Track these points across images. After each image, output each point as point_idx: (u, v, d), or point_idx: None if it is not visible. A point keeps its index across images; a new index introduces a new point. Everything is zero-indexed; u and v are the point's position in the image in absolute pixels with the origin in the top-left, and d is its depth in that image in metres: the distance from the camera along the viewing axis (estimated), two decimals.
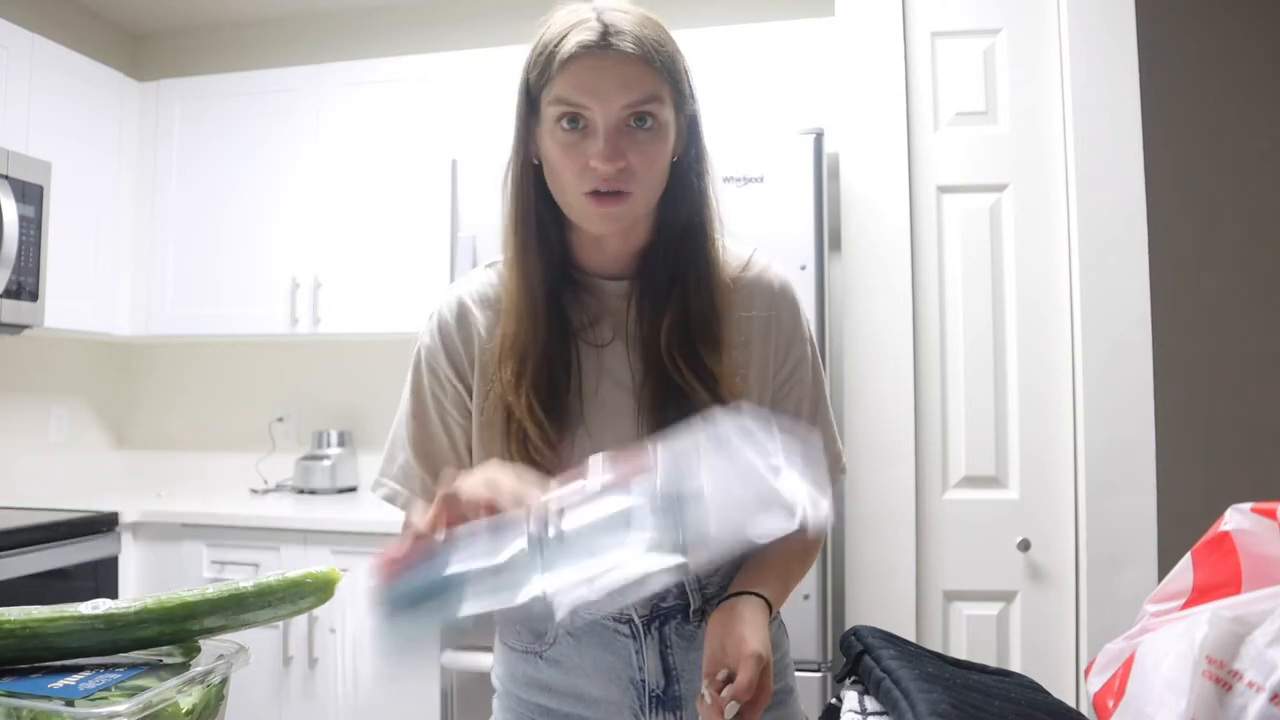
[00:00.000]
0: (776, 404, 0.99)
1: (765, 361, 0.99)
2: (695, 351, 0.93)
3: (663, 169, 0.92)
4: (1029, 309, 2.07)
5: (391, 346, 3.04)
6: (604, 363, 0.97)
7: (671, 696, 0.94)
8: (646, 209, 0.93)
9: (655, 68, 0.88)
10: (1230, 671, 0.51)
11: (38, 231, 2.44)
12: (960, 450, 2.08)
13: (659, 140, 0.90)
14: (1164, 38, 2.16)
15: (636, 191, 0.89)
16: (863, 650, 0.67)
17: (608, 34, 0.87)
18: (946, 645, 2.06)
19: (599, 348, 0.97)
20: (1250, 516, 0.60)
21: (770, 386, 0.99)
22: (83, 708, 0.53)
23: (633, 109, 0.87)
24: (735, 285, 0.98)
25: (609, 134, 0.87)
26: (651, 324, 0.95)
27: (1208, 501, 0.82)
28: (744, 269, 1.01)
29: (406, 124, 2.77)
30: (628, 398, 0.96)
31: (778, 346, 1.00)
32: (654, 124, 0.89)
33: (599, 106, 0.87)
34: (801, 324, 1.02)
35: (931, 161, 2.13)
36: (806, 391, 1.01)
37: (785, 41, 2.48)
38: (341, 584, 0.68)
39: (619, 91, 0.87)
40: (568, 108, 0.88)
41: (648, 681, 0.94)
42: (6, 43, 2.48)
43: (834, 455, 1.04)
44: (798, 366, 1.01)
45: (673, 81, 0.91)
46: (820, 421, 1.02)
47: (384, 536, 2.39)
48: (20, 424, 2.91)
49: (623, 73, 0.87)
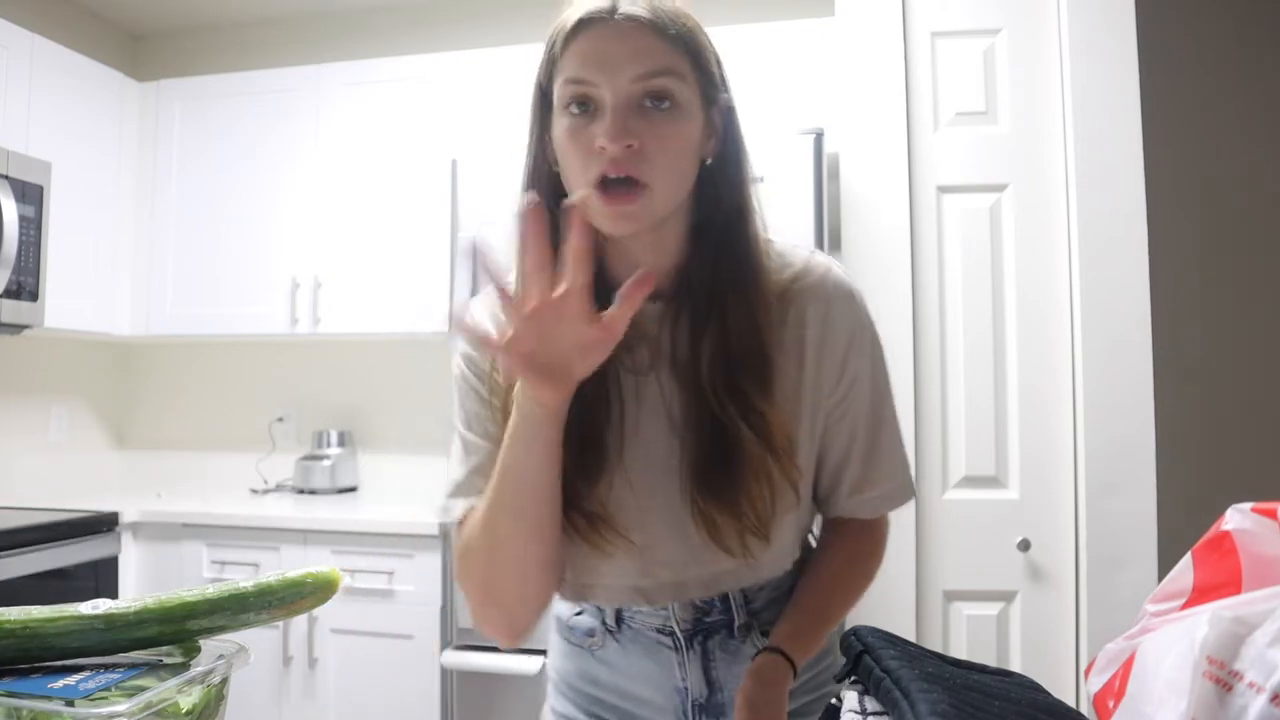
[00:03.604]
0: (830, 429, 0.90)
1: (818, 385, 0.88)
2: (740, 388, 0.82)
3: (684, 157, 0.81)
4: (1029, 309, 2.07)
5: (391, 346, 3.05)
6: (642, 393, 0.87)
7: (715, 704, 0.95)
8: (667, 206, 0.81)
9: (670, 38, 0.78)
10: (1231, 672, 0.51)
11: (38, 231, 2.44)
12: (960, 450, 2.08)
13: (677, 121, 0.79)
14: (1164, 38, 2.16)
15: (653, 182, 0.78)
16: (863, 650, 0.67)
17: (614, 6, 0.78)
18: (946, 645, 2.06)
19: (637, 376, 0.87)
20: (1250, 516, 0.60)
21: (823, 409, 0.89)
22: (83, 708, 0.53)
23: (643, 81, 0.77)
24: (786, 298, 0.87)
25: (617, 110, 0.77)
26: (692, 352, 0.84)
27: (1208, 501, 0.81)
28: (796, 278, 0.88)
29: (406, 124, 2.77)
30: (670, 436, 0.86)
31: (830, 367, 0.88)
32: (671, 104, 0.78)
33: (606, 80, 0.77)
34: (860, 338, 0.89)
35: (931, 161, 2.13)
36: (863, 416, 0.91)
37: (785, 41, 2.48)
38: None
39: (628, 62, 0.77)
40: (575, 87, 0.79)
41: (690, 690, 0.94)
42: (6, 43, 2.48)
43: (898, 486, 0.94)
44: (853, 387, 0.89)
45: (694, 58, 0.80)
46: (881, 449, 0.92)
47: (384, 536, 2.40)
48: (20, 424, 2.91)
49: (632, 42, 0.77)
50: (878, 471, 0.92)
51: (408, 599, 2.38)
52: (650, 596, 0.92)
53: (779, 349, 0.86)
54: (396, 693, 2.37)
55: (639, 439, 0.87)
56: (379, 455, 3.07)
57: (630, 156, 0.76)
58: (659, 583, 0.91)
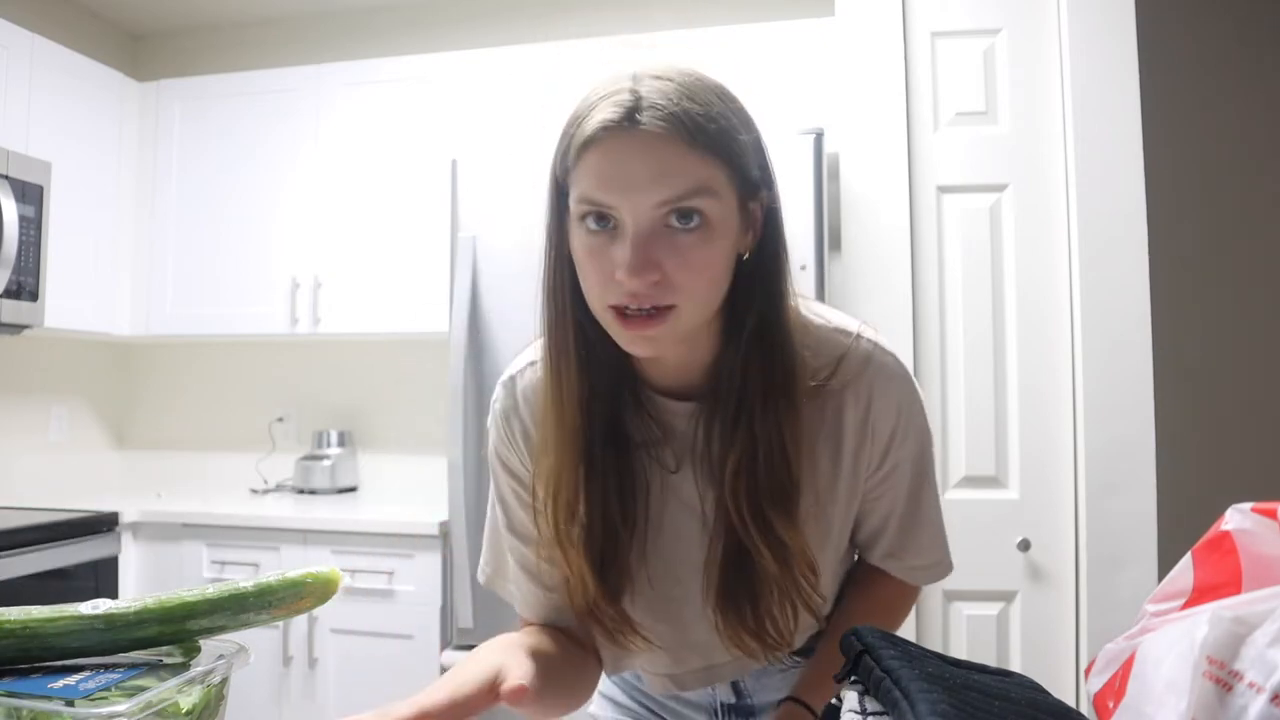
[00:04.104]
0: (866, 505, 0.88)
1: (855, 473, 0.85)
2: (763, 513, 0.78)
3: (714, 276, 0.72)
4: (1029, 309, 2.07)
5: (391, 346, 3.05)
6: (672, 488, 0.84)
7: (744, 707, 0.97)
8: (695, 323, 0.74)
9: (700, 147, 0.68)
10: (1231, 672, 0.51)
11: (38, 231, 2.44)
12: (960, 450, 2.08)
13: (707, 242, 0.70)
14: (1164, 38, 2.16)
15: (681, 304, 0.70)
16: (863, 650, 0.67)
17: (637, 109, 0.68)
18: (946, 645, 2.07)
19: (665, 472, 0.84)
20: (1250, 516, 0.60)
21: (860, 491, 0.86)
22: (83, 708, 0.53)
23: (670, 205, 0.68)
24: (825, 392, 0.81)
25: (639, 239, 0.68)
26: (720, 461, 0.79)
27: (1208, 501, 0.81)
28: (837, 369, 0.81)
29: (406, 124, 2.77)
30: (701, 533, 0.83)
31: (871, 455, 0.84)
32: (701, 222, 0.69)
33: (626, 204, 0.68)
34: (904, 426, 0.84)
35: (931, 161, 2.13)
36: (901, 498, 0.88)
37: (785, 41, 2.48)
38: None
39: (650, 185, 0.68)
40: (590, 206, 0.70)
41: (718, 694, 0.97)
42: (6, 43, 2.48)
43: (934, 563, 0.92)
44: (894, 470, 0.86)
45: (730, 163, 0.71)
46: (918, 528, 0.89)
47: (384, 536, 2.40)
48: (20, 424, 2.91)
49: (657, 159, 0.68)
50: (912, 547, 0.91)
51: (408, 599, 2.38)
52: (682, 683, 0.93)
53: (814, 446, 0.82)
54: (397, 693, 2.36)
55: (664, 534, 0.85)
56: (379, 455, 3.07)
57: (654, 289, 0.69)
58: (691, 670, 0.92)
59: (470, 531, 2.19)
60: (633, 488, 0.82)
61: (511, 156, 2.30)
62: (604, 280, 0.71)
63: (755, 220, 0.76)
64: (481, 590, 2.22)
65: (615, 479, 0.81)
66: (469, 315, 2.23)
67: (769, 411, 0.77)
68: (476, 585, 2.21)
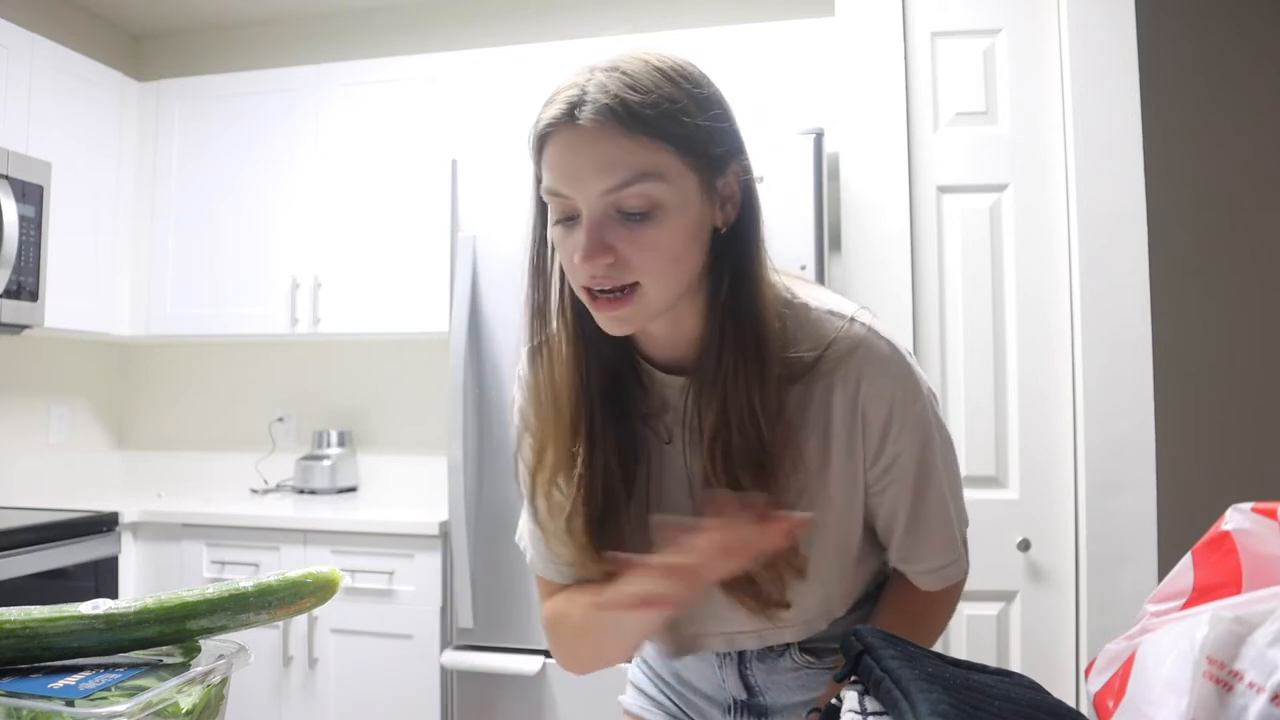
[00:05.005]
0: (872, 501, 0.88)
1: (850, 458, 0.84)
2: (737, 479, 0.80)
3: (673, 254, 0.75)
4: (1029, 309, 2.07)
5: (391, 346, 3.05)
6: (668, 460, 0.87)
7: (756, 705, 0.97)
8: (667, 299, 0.77)
9: (640, 134, 0.71)
10: (1231, 672, 0.51)
11: (38, 231, 2.44)
12: (960, 450, 2.07)
13: (659, 224, 0.73)
14: (1164, 38, 2.16)
15: (645, 281, 0.74)
16: (863, 650, 0.67)
17: (579, 104, 0.71)
18: (946, 645, 2.06)
19: (663, 444, 0.87)
20: (1250, 516, 0.60)
21: (861, 480, 0.86)
22: (83, 708, 0.53)
23: (614, 194, 0.72)
24: (814, 373, 0.82)
25: (591, 225, 0.73)
26: (704, 432, 0.81)
27: (1208, 501, 0.82)
28: (826, 350, 0.81)
29: (406, 124, 2.77)
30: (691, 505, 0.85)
31: (867, 441, 0.84)
32: (648, 204, 0.72)
33: (579, 194, 0.73)
34: (901, 413, 0.83)
35: (931, 161, 2.13)
36: (905, 495, 0.86)
37: (785, 41, 2.48)
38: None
39: (594, 176, 0.72)
40: (552, 196, 0.75)
41: (729, 689, 0.98)
42: (6, 43, 2.48)
43: (946, 565, 0.92)
44: (895, 463, 0.85)
45: (680, 142, 0.73)
46: (926, 528, 0.88)
47: (384, 536, 2.40)
48: (20, 424, 2.91)
49: (599, 150, 0.71)
50: (921, 549, 0.90)
51: (408, 599, 2.38)
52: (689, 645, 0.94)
53: (800, 422, 0.82)
54: (396, 693, 2.37)
55: (662, 505, 0.87)
56: (379, 455, 3.07)
57: (611, 270, 0.73)
58: (704, 633, 0.92)
59: (470, 531, 2.19)
60: (634, 458, 0.86)
61: (511, 156, 2.30)
62: (570, 265, 0.76)
63: (731, 194, 0.79)
64: (481, 590, 2.22)
65: (616, 450, 0.84)
66: (469, 315, 2.23)
67: (739, 376, 0.79)
68: (476, 585, 2.21)
